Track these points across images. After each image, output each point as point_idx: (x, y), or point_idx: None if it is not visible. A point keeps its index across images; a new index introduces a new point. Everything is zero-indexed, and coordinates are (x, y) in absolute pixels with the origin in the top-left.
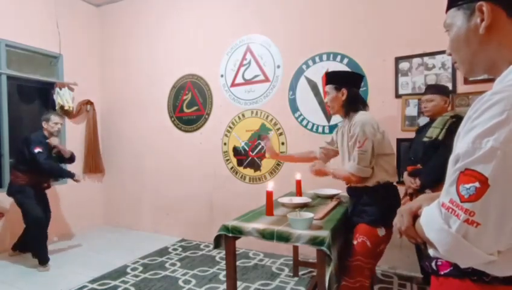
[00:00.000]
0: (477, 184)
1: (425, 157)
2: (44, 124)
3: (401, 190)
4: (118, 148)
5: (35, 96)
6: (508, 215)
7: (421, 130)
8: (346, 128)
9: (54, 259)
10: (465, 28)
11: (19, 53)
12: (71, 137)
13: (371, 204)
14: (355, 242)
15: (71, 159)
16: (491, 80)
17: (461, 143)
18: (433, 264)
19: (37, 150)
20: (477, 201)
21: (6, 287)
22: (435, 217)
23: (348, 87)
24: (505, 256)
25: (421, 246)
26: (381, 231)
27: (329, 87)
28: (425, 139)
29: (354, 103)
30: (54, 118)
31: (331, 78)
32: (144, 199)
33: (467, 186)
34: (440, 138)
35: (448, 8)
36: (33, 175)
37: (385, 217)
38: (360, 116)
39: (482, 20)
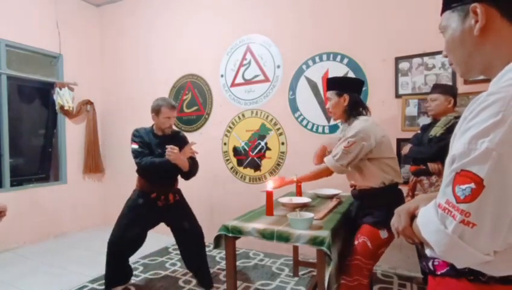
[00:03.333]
0: (472, 185)
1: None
2: (153, 118)
3: (404, 190)
4: (117, 148)
5: (35, 96)
6: (503, 216)
7: (425, 130)
8: (345, 132)
9: (54, 259)
10: (460, 29)
11: (19, 53)
12: (71, 137)
13: (376, 206)
14: (356, 242)
15: (188, 173)
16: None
17: (457, 144)
18: (430, 264)
19: (132, 145)
20: (472, 202)
21: (6, 287)
22: (432, 218)
23: (349, 93)
24: (501, 256)
25: (418, 246)
26: (383, 233)
27: (330, 93)
28: (429, 137)
29: (356, 108)
30: (165, 110)
31: (332, 84)
32: None
33: (463, 187)
34: (437, 135)
35: (443, 10)
36: (148, 180)
37: (389, 220)
38: (359, 122)
39: (477, 21)
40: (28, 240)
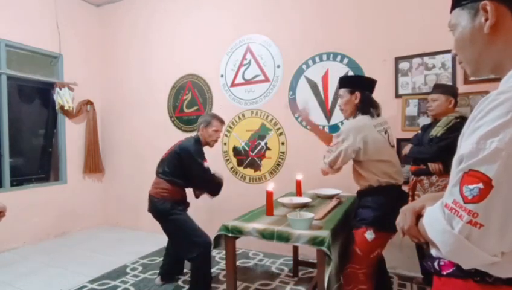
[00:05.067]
0: (480, 185)
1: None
2: (201, 130)
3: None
4: (117, 148)
5: (35, 96)
6: (511, 217)
7: (425, 130)
8: None
9: (54, 259)
10: (470, 27)
11: (18, 53)
12: (71, 137)
13: (364, 206)
14: (350, 249)
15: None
16: (492, 80)
17: (465, 143)
18: (435, 264)
19: (205, 163)
20: (480, 202)
21: (6, 287)
22: (438, 218)
23: (361, 91)
24: (508, 257)
25: (423, 246)
26: (369, 235)
27: (343, 91)
28: (429, 137)
29: (367, 107)
30: (216, 124)
31: (345, 82)
32: (144, 199)
33: (471, 187)
34: (438, 135)
35: (453, 8)
36: (184, 190)
37: (378, 220)
38: (348, 122)
39: (487, 19)
40: (28, 240)
